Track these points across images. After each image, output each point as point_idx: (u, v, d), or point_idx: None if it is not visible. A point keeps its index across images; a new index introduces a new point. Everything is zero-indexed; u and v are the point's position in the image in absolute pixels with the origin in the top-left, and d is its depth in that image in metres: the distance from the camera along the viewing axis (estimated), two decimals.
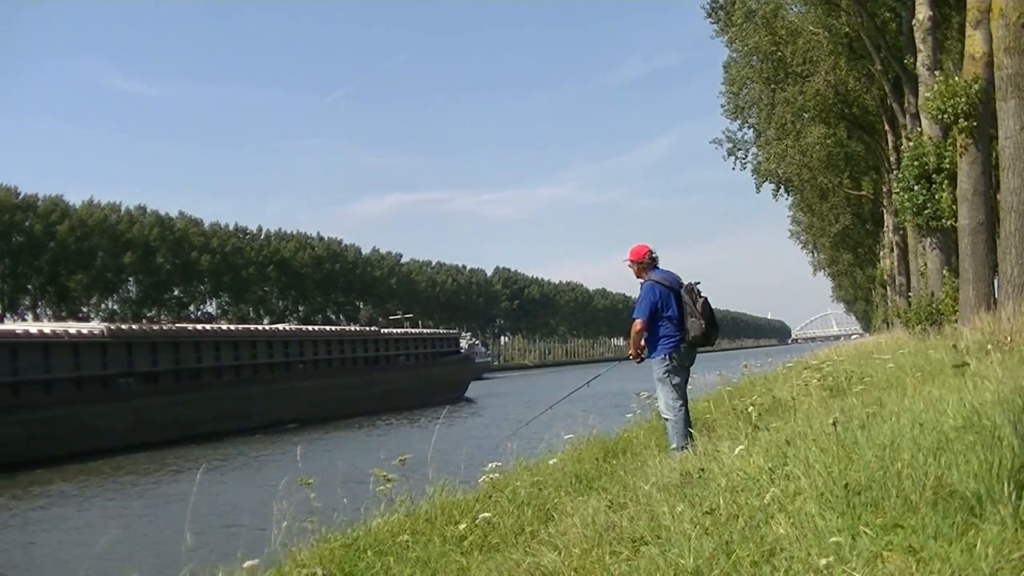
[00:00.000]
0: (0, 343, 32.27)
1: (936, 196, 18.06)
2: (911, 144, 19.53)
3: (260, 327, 54.20)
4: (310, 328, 55.80)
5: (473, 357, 69.33)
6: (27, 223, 77.84)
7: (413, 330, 63.77)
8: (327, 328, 58.37)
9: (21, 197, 78.90)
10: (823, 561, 3.54)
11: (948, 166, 17.45)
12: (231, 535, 12.21)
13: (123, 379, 36.91)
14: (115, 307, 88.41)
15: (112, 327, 38.74)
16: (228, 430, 34.94)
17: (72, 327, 38.37)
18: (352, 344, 52.24)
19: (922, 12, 19.65)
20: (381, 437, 31.85)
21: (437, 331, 69.60)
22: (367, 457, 8.20)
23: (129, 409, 34.91)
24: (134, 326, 45.18)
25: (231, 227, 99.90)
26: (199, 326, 49.27)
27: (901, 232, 33.75)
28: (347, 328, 59.17)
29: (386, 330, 59.13)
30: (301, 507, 6.73)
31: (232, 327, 51.00)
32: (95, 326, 39.04)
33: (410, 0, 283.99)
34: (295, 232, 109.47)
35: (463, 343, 68.21)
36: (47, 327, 37.92)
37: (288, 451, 28.40)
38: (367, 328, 59.05)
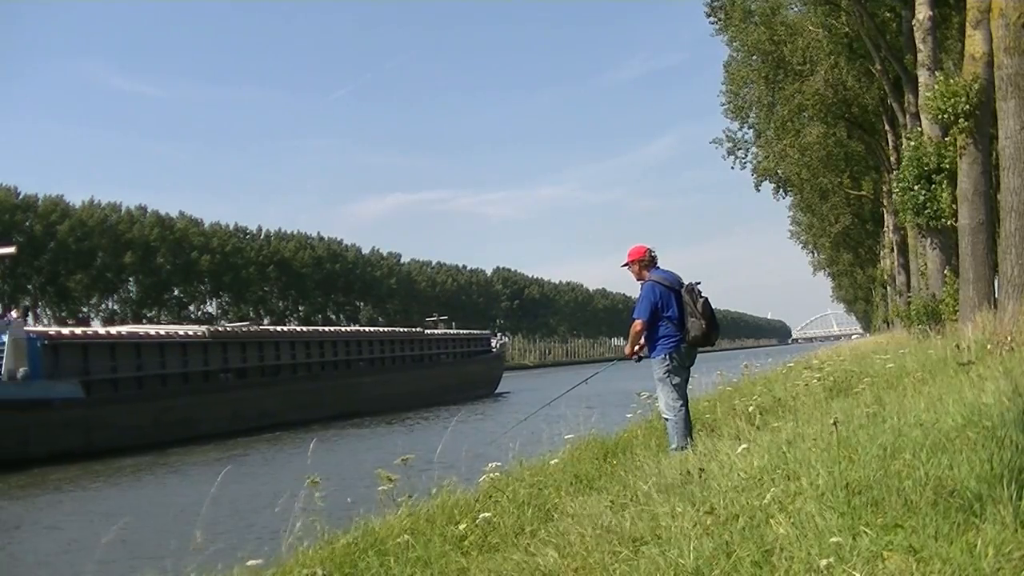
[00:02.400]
0: (128, 343, 37.17)
1: (936, 196, 18.04)
2: (911, 144, 19.51)
3: (327, 328, 60.67)
4: (368, 329, 62.38)
5: (504, 355, 74.25)
6: (27, 223, 77.76)
7: (452, 331, 68.69)
8: (381, 329, 63.96)
9: (21, 197, 78.80)
10: (823, 561, 3.54)
11: (948, 166, 17.43)
12: (241, 530, 12.28)
13: (221, 374, 41.11)
14: (115, 307, 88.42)
15: (212, 329, 44.63)
16: (303, 419, 38.92)
17: (180, 329, 44.20)
18: (402, 344, 57.02)
19: (922, 12, 19.64)
20: (421, 430, 33.72)
21: (472, 332, 74.86)
22: (398, 451, 8.46)
23: (227, 400, 39.17)
24: (228, 327, 52.03)
25: (231, 227, 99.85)
26: (278, 328, 55.50)
27: (901, 232, 33.73)
28: (397, 330, 63.64)
29: (429, 331, 63.99)
30: (318, 502, 6.81)
31: (304, 328, 57.60)
32: (198, 328, 44.82)
33: (411, 0, 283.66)
34: (295, 232, 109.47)
35: (494, 343, 73.15)
36: (162, 329, 43.60)
37: (345, 440, 31.85)
38: (414, 329, 64.04)
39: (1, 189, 76.85)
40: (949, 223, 17.48)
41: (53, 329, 39.48)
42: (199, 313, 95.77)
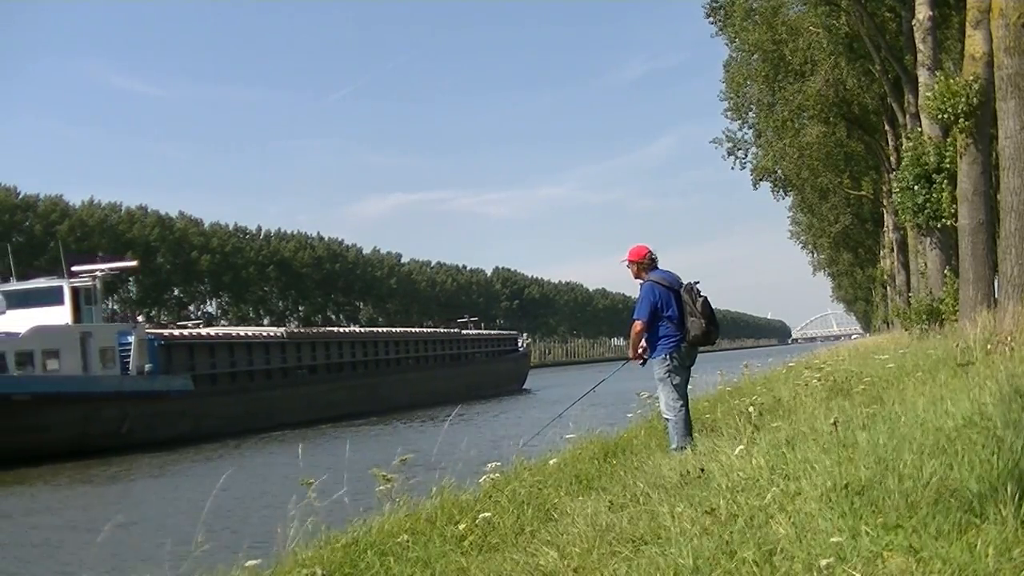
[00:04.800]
0: (223, 343, 42.54)
1: (936, 196, 18.05)
2: (911, 144, 19.52)
3: (381, 329, 66.75)
4: (414, 330, 67.51)
5: (529, 354, 78.97)
6: (27, 223, 77.75)
7: (484, 331, 74.59)
8: (424, 330, 68.67)
9: (21, 197, 78.75)
10: (823, 561, 3.54)
11: (948, 166, 17.44)
12: (244, 528, 12.30)
13: (297, 371, 46.13)
14: (115, 307, 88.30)
15: (288, 331, 51.28)
16: (362, 411, 43.25)
17: (262, 331, 50.38)
18: (443, 343, 62.13)
19: (922, 12, 19.65)
20: (463, 422, 35.57)
21: (502, 332, 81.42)
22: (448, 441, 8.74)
23: (301, 394, 43.77)
24: (301, 329, 59.63)
25: (231, 227, 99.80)
26: (341, 329, 63.50)
27: (901, 232, 33.76)
28: (438, 330, 68.87)
29: (465, 331, 68.98)
30: (323, 499, 6.83)
31: (361, 329, 64.46)
32: (276, 330, 52.01)
33: (412, 0, 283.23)
34: (295, 232, 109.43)
35: (520, 342, 77.53)
36: (250, 330, 49.57)
37: (388, 431, 34.21)
38: (451, 330, 68.85)
39: (1, 189, 76.81)
40: (949, 223, 17.49)
41: (166, 331, 44.37)
42: (199, 313, 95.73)
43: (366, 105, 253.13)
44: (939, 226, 18.61)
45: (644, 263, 8.67)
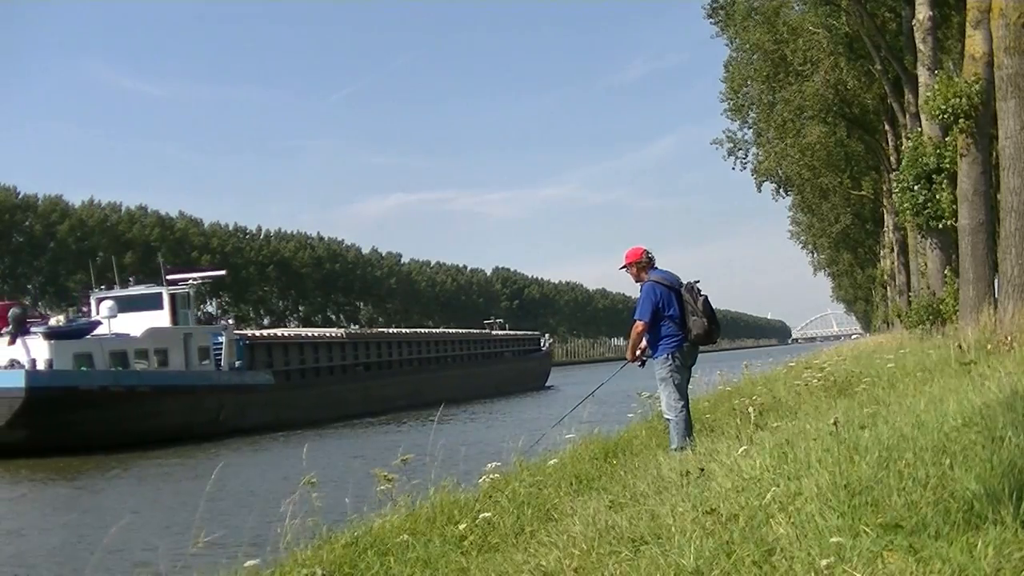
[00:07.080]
0: (294, 343, 47.83)
1: (936, 196, 18.06)
2: (911, 144, 19.53)
3: (423, 330, 70.64)
4: (451, 331, 73.22)
5: (551, 353, 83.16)
6: (27, 223, 77.73)
7: (510, 332, 79.01)
8: (460, 331, 73.89)
9: (21, 197, 78.71)
10: (824, 561, 3.54)
11: (948, 166, 17.44)
12: (246, 525, 12.30)
13: (355, 368, 50.88)
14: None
15: (347, 331, 57.51)
16: (411, 405, 46.38)
17: (326, 331, 57.16)
18: (477, 343, 66.98)
19: (922, 12, 19.65)
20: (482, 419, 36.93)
21: (527, 332, 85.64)
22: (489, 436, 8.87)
23: (360, 388, 48.83)
24: (358, 330, 66.30)
25: (231, 227, 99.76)
26: (392, 330, 68.69)
27: (901, 232, 33.74)
28: (472, 331, 73.50)
29: (493, 332, 73.63)
30: (329, 497, 6.85)
31: (407, 330, 68.43)
32: (336, 331, 58.44)
33: (413, 1, 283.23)
34: (295, 232, 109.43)
35: (542, 342, 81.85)
36: (316, 331, 56.40)
37: (421, 423, 35.40)
38: (483, 331, 73.71)
39: (1, 189, 76.78)
40: (949, 223, 17.49)
41: (249, 332, 50.24)
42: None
43: (366, 105, 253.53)
44: (939, 226, 18.61)
45: (643, 263, 8.67)
